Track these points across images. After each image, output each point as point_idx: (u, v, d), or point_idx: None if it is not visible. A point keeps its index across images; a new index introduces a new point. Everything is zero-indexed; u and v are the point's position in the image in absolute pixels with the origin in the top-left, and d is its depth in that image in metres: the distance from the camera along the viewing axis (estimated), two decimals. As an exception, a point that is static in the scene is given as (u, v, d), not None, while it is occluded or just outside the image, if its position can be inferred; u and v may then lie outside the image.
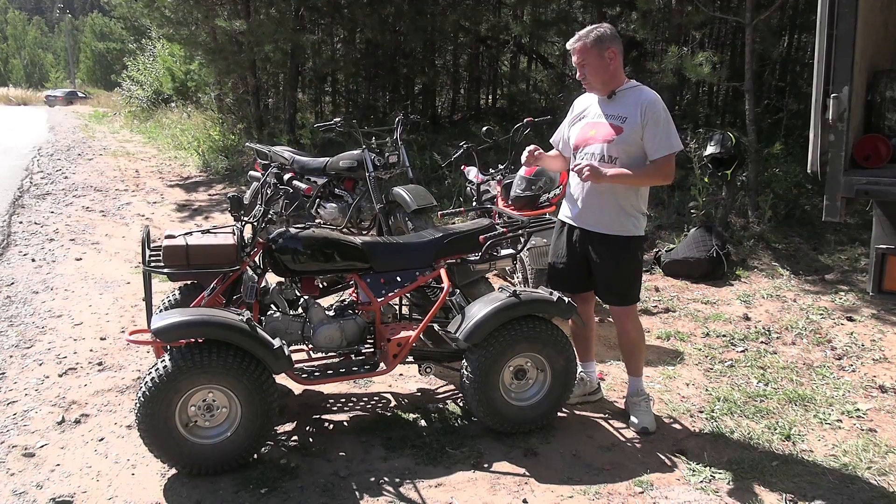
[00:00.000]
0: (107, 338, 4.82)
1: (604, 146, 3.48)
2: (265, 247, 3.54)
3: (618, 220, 3.51)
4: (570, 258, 3.70)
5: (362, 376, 3.65)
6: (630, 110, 3.44)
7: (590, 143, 3.53)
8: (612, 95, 3.53)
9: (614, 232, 3.52)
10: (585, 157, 3.53)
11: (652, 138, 3.39)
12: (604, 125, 3.51)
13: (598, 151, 3.49)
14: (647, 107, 3.40)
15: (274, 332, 3.51)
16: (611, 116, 3.50)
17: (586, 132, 3.58)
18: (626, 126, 3.43)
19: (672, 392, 4.15)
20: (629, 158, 3.44)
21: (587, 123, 3.60)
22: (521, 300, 3.48)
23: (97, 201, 9.41)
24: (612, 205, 3.51)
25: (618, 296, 3.63)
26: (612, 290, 3.63)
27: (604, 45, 3.43)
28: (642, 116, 3.39)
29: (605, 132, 3.49)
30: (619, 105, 3.50)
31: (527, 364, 3.59)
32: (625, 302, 3.64)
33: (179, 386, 3.03)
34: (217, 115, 14.72)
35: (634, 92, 3.50)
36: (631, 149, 3.44)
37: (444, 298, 3.66)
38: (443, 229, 3.90)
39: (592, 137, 3.53)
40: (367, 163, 5.90)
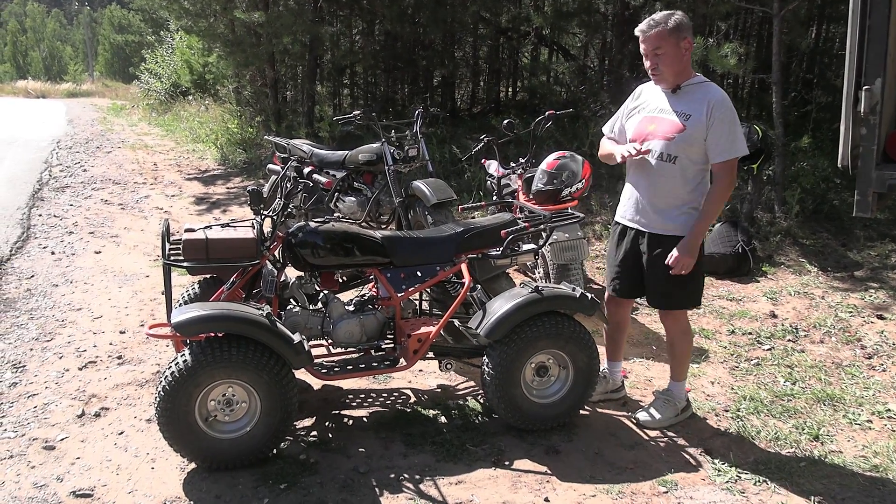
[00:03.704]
0: (126, 331, 4.87)
1: (663, 144, 3.36)
2: (285, 241, 3.56)
3: (678, 218, 3.41)
4: (626, 261, 3.61)
5: (382, 372, 3.66)
6: (695, 107, 3.31)
7: (648, 139, 3.42)
8: (677, 90, 3.40)
9: (671, 232, 3.42)
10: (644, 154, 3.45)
11: (717, 140, 3.27)
12: (665, 121, 3.39)
13: (656, 149, 3.39)
14: (714, 105, 3.26)
15: (293, 326, 3.52)
16: (674, 112, 3.38)
17: (645, 126, 3.46)
18: (690, 124, 3.31)
19: (697, 390, 4.12)
20: (688, 159, 3.34)
21: (646, 117, 3.48)
22: (544, 296, 3.47)
23: (116, 194, 9.49)
24: (671, 203, 3.41)
25: (671, 300, 3.55)
26: (666, 294, 3.53)
27: (681, 33, 3.30)
28: (708, 115, 3.27)
29: (666, 128, 3.37)
30: (684, 101, 3.37)
31: (549, 361, 3.59)
32: (678, 305, 3.57)
33: (199, 380, 3.05)
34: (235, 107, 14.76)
35: (701, 88, 3.36)
36: (692, 149, 3.32)
37: (464, 294, 3.66)
38: (463, 224, 3.90)
39: (652, 133, 3.42)
40: (386, 156, 5.90)
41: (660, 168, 3.41)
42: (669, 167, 3.38)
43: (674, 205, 3.41)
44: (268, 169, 7.00)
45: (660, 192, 3.43)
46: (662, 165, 3.39)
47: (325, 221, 3.65)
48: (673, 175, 3.38)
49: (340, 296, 3.85)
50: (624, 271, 3.64)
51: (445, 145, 10.01)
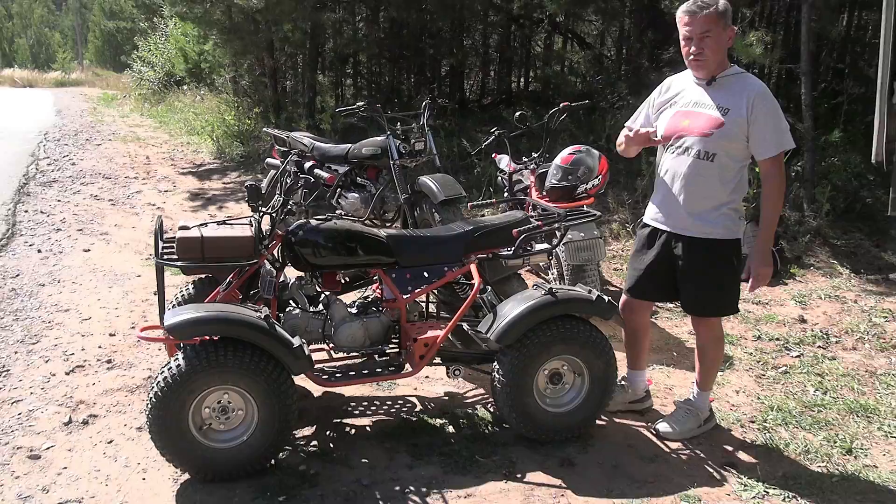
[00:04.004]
0: (116, 334, 4.87)
1: (700, 141, 3.31)
2: (284, 239, 3.55)
3: (716, 220, 3.37)
4: (656, 265, 3.57)
5: (386, 378, 3.65)
6: (734, 101, 3.26)
7: (683, 136, 3.37)
8: (713, 81, 3.34)
9: (709, 235, 3.39)
10: (677, 151, 3.39)
11: (761, 136, 3.22)
12: (702, 116, 3.33)
13: (693, 146, 3.34)
14: (756, 99, 3.21)
15: (293, 330, 3.51)
16: (711, 106, 3.32)
17: (679, 122, 3.40)
18: (729, 119, 3.25)
19: (721, 400, 4.10)
20: (728, 157, 3.29)
21: (680, 112, 3.42)
22: (558, 299, 3.46)
23: (106, 189, 9.51)
24: (709, 204, 3.37)
25: (706, 306, 3.52)
26: (704, 301, 3.49)
27: (727, 19, 3.26)
28: (749, 110, 3.22)
29: (703, 124, 3.31)
30: (722, 93, 3.32)
31: (563, 367, 3.58)
32: (715, 312, 3.55)
33: (193, 386, 3.05)
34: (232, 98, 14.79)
35: (740, 80, 3.32)
36: (732, 145, 3.27)
37: (474, 296, 3.65)
38: (473, 222, 3.89)
39: (687, 129, 3.36)
40: (391, 150, 5.89)
41: (696, 167, 3.35)
42: (707, 166, 3.33)
43: (712, 206, 3.36)
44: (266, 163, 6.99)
45: (697, 193, 3.37)
46: (699, 164, 3.33)
47: (326, 219, 3.65)
48: (711, 174, 3.33)
49: (343, 297, 3.84)
50: (651, 276, 3.60)
51: (454, 139, 10.00)
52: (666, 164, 3.49)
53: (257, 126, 12.97)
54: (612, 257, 6.68)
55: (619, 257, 6.69)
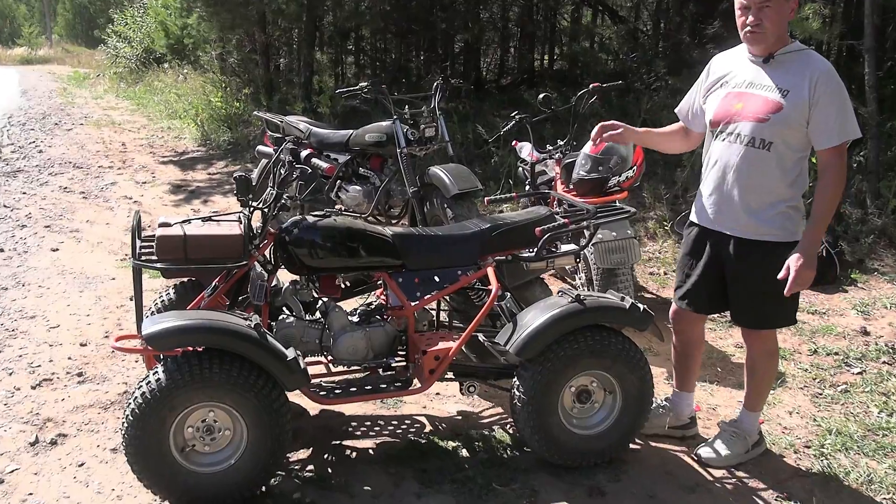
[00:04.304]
0: (88, 344, 4.90)
1: (755, 127, 3.27)
2: (277, 238, 3.56)
3: (773, 220, 3.33)
4: (707, 271, 3.55)
5: (392, 395, 3.66)
6: (795, 81, 3.21)
7: (735, 121, 3.34)
8: (770, 59, 3.30)
9: (764, 236, 3.35)
10: (728, 139, 3.36)
11: (824, 122, 3.17)
12: (756, 98, 3.29)
13: (746, 132, 3.30)
14: (819, 79, 3.16)
15: (287, 340, 3.53)
16: (768, 87, 3.28)
17: (730, 105, 3.37)
18: (789, 102, 3.21)
19: (772, 422, 4.08)
20: (786, 146, 3.25)
21: (731, 93, 3.39)
22: (586, 307, 3.45)
23: (77, 180, 9.57)
24: (765, 200, 3.33)
25: (763, 317, 3.49)
26: (758, 311, 3.47)
27: None
28: (811, 92, 3.17)
29: (758, 107, 3.27)
30: (780, 73, 3.27)
31: (592, 384, 3.57)
32: (770, 324, 3.53)
33: (175, 403, 3.06)
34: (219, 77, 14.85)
35: (801, 58, 3.26)
36: (791, 133, 3.23)
37: (491, 303, 3.65)
38: (490, 219, 3.89)
39: (739, 113, 3.33)
40: (398, 137, 5.90)
41: (750, 157, 3.31)
42: (762, 156, 3.28)
43: (768, 202, 3.33)
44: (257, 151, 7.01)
45: (751, 188, 3.33)
46: (754, 153, 3.29)
47: (324, 215, 3.65)
48: (767, 165, 3.29)
49: (343, 304, 3.85)
50: (701, 282, 3.58)
51: (469, 124, 10.00)
52: (715, 153, 3.46)
53: (247, 109, 13.01)
54: (647, 260, 6.67)
55: (655, 259, 6.68)
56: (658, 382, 4.18)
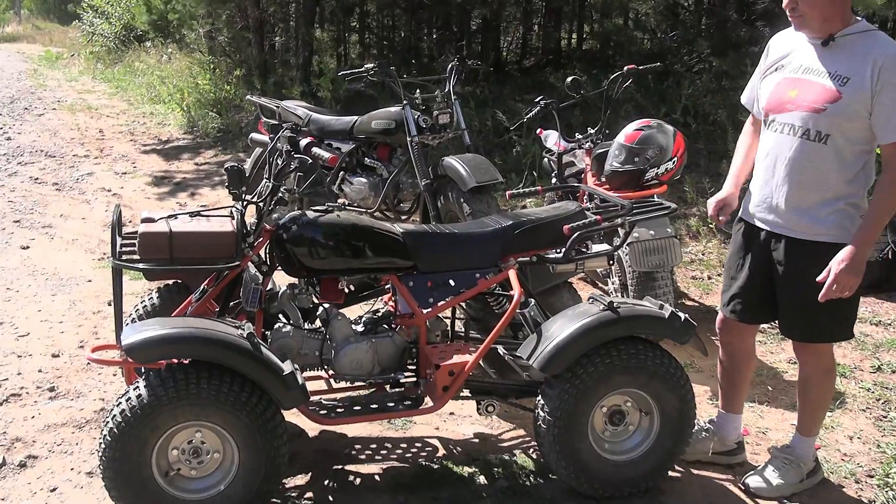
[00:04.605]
0: (61, 354, 4.91)
1: (810, 117, 3.24)
2: (273, 236, 3.56)
3: (829, 218, 3.30)
4: (753, 274, 3.54)
5: (401, 415, 3.64)
6: (856, 67, 3.17)
7: (788, 110, 3.31)
8: (829, 41, 3.26)
9: (819, 236, 3.31)
10: (781, 130, 3.33)
11: (888, 114, 3.12)
12: (813, 85, 3.26)
13: (800, 124, 3.27)
14: (885, 65, 3.11)
15: (283, 352, 3.52)
16: (825, 73, 3.25)
17: (784, 92, 3.35)
18: (848, 90, 3.18)
19: (830, 447, 4.06)
20: (845, 139, 3.21)
21: (787, 79, 3.37)
22: (620, 316, 3.43)
23: (49, 171, 9.61)
24: (820, 197, 3.30)
25: (815, 329, 3.45)
26: (809, 321, 3.43)
27: None
28: (875, 79, 3.12)
29: (814, 96, 3.24)
30: (840, 57, 3.24)
31: (626, 404, 3.56)
32: (823, 337, 3.49)
33: (158, 422, 3.06)
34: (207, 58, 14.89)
35: (865, 40, 3.22)
36: (850, 125, 3.19)
37: (513, 311, 3.64)
38: (512, 215, 3.88)
39: (793, 101, 3.30)
40: (408, 124, 5.90)
41: (804, 150, 3.28)
42: (817, 149, 3.26)
43: (824, 199, 3.30)
44: (251, 139, 7.03)
45: (805, 183, 3.31)
46: (808, 146, 3.27)
47: (326, 210, 3.65)
48: (823, 159, 3.26)
49: (346, 311, 3.85)
50: (749, 286, 3.56)
51: (487, 110, 10.00)
52: (766, 144, 3.44)
53: (239, 93, 13.04)
54: (689, 262, 6.64)
55: (698, 262, 6.65)
56: (700, 402, 4.16)
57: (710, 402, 4.45)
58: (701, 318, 5.30)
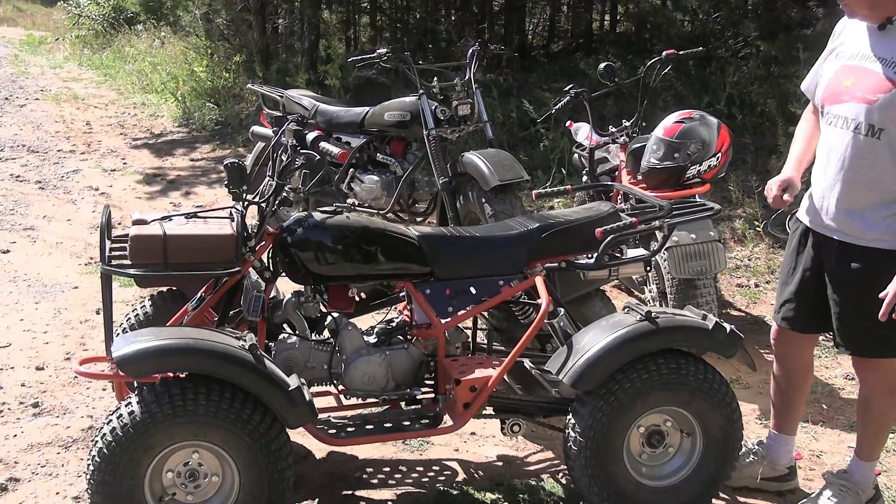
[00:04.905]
0: (45, 367, 4.95)
1: (862, 109, 3.21)
2: (277, 239, 3.57)
3: (882, 222, 3.27)
4: (806, 278, 3.53)
5: (417, 435, 3.65)
6: None
7: (843, 101, 3.29)
8: (886, 25, 3.24)
9: (873, 242, 3.30)
10: (835, 123, 3.32)
11: None
12: (867, 74, 3.24)
13: (852, 116, 3.25)
14: None
15: (289, 365, 3.54)
16: (879, 60, 3.23)
17: (840, 81, 3.34)
18: None
19: (891, 473, 4.05)
20: None
21: (844, 67, 3.36)
22: (659, 326, 3.42)
23: (32, 167, 9.66)
24: (874, 198, 3.28)
25: (870, 342, 3.42)
26: (863, 333, 3.40)
27: None
28: None
29: (868, 85, 3.22)
30: None
31: (666, 424, 3.55)
32: (883, 351, 3.44)
33: (152, 441, 3.07)
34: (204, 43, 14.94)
35: None
36: None
37: (540, 321, 3.63)
38: (539, 217, 3.88)
39: (848, 92, 3.28)
40: (425, 115, 5.90)
41: (858, 145, 3.26)
42: (872, 145, 3.23)
43: (881, 201, 3.27)
44: (252, 133, 7.07)
45: (857, 182, 3.29)
46: (861, 141, 3.24)
47: (335, 211, 3.66)
48: (877, 156, 3.23)
49: (357, 321, 3.86)
50: (801, 292, 3.54)
51: (512, 100, 9.99)
52: (823, 138, 3.44)
53: (238, 81, 13.08)
54: (733, 268, 6.62)
55: (744, 268, 6.63)
56: (748, 422, 4.15)
57: (758, 421, 4.44)
58: (748, 330, 5.29)
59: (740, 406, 3.59)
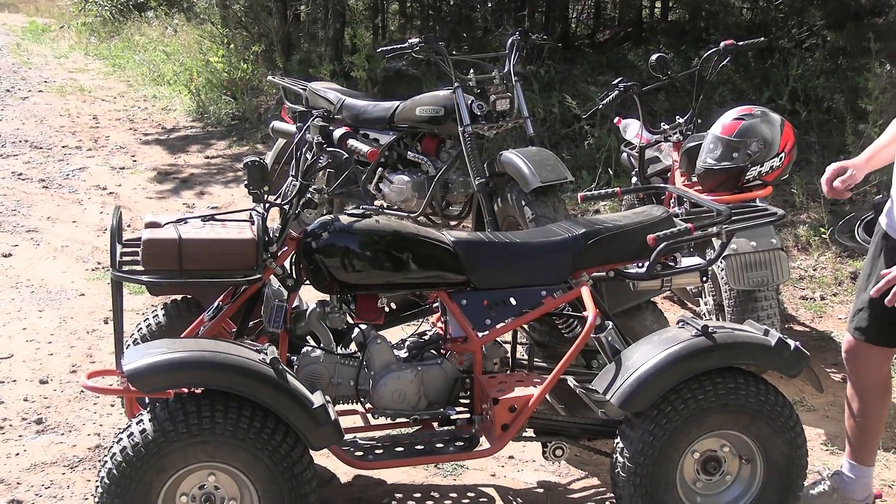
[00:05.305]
0: (50, 381, 4.98)
1: None
2: (301, 245, 3.59)
3: None
4: None
5: (451, 458, 3.65)
6: None
7: None
8: None
9: None
10: None
11: None
12: None
13: None
14: None
15: (312, 381, 3.54)
16: None
17: None
18: None
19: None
20: None
21: None
22: (716, 342, 3.40)
23: (35, 164, 9.74)
24: None
25: None
26: None
27: None
28: None
29: None
30: None
31: (723, 450, 3.53)
32: None
33: (164, 463, 3.08)
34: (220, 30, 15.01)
35: None
36: None
37: (586, 335, 3.62)
38: (585, 222, 3.87)
39: None
40: (460, 110, 5.90)
41: None
42: None
43: None
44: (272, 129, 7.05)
45: None
46: None
47: (363, 215, 3.67)
48: None
49: (386, 333, 3.86)
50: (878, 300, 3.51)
51: (554, 94, 9.98)
52: None
53: (257, 73, 13.13)
54: (797, 279, 6.58)
55: (809, 279, 6.59)
56: (813, 448, 4.11)
57: (824, 447, 4.40)
58: (813, 347, 5.25)
59: (805, 431, 3.57)
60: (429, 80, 10.08)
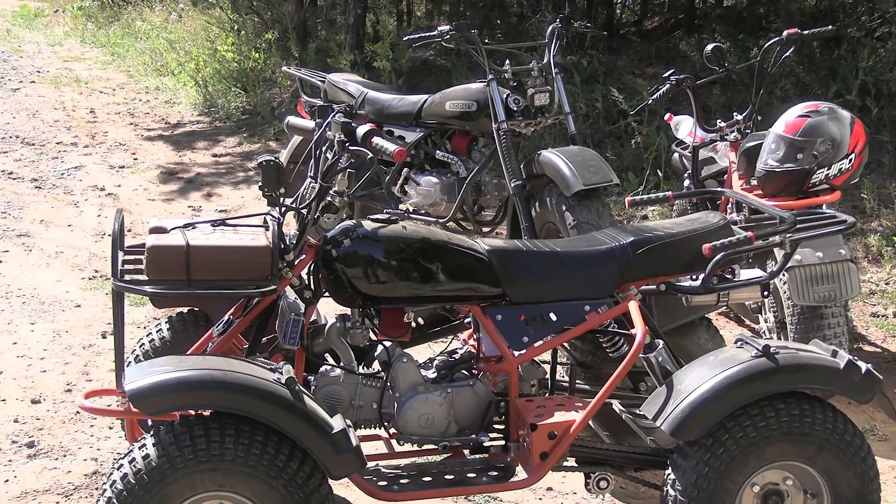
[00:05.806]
0: (42, 400, 5.00)
1: None
2: (320, 253, 3.59)
3: None
4: None
5: (485, 489, 3.64)
6: None
7: None
8: None
9: None
10: None
11: None
12: None
13: None
14: None
15: (332, 403, 3.53)
16: None
17: None
18: None
19: None
20: None
21: None
22: (779, 364, 3.39)
23: (27, 162, 9.80)
24: None
25: None
26: None
27: None
28: None
29: None
30: None
31: (786, 483, 3.51)
32: None
33: (170, 491, 3.08)
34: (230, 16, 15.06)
35: None
36: None
37: (634, 355, 3.61)
38: (633, 230, 3.87)
39: None
40: (494, 105, 5.91)
41: None
42: None
43: None
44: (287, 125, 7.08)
45: None
46: None
47: (388, 220, 3.67)
48: None
49: (413, 351, 3.87)
50: None
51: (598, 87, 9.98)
52: None
53: (270, 63, 13.17)
54: (867, 294, 6.54)
55: (880, 294, 6.55)
56: (886, 482, 4.10)
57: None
58: (886, 370, 5.22)
59: (877, 462, 3.55)
60: (459, 72, 10.09)
